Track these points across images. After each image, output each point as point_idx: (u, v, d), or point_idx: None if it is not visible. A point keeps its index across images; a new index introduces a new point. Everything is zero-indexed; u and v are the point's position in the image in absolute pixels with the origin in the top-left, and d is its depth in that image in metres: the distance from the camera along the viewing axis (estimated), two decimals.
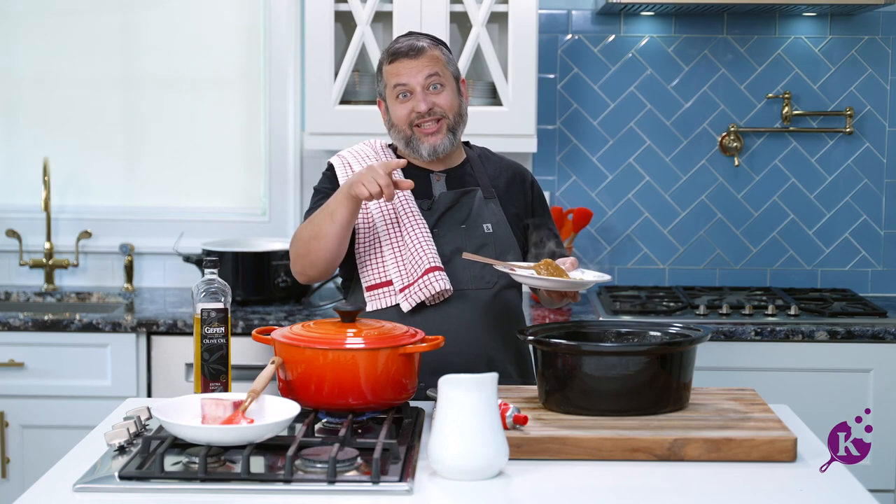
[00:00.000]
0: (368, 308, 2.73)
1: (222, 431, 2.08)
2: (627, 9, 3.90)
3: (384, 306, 2.73)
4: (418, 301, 2.69)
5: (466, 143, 2.94)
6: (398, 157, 2.85)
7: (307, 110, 3.82)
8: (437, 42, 2.81)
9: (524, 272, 2.57)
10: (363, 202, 2.65)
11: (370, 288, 2.75)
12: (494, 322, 2.76)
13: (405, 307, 2.70)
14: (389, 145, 2.90)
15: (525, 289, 4.10)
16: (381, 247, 2.75)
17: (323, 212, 2.66)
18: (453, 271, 2.73)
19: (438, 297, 2.71)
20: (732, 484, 2.09)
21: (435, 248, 2.72)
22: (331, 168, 2.88)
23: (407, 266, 2.72)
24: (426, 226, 2.75)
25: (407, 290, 2.70)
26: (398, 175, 2.78)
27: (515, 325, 2.79)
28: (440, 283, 2.68)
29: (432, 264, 2.69)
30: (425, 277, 2.68)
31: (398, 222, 2.75)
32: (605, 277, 2.60)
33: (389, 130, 2.82)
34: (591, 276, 2.61)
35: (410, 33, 2.84)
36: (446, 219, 2.79)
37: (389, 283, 2.73)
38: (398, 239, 2.74)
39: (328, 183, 2.85)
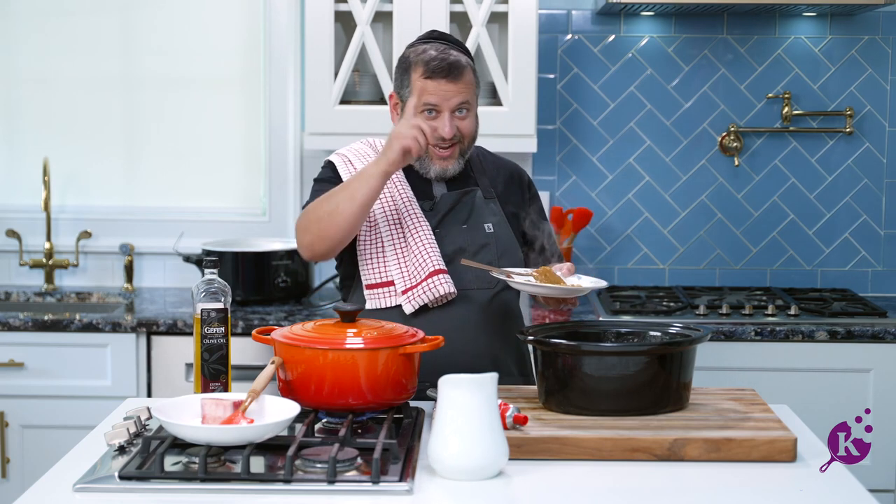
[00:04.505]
0: (368, 306, 2.73)
1: (222, 431, 2.08)
2: (627, 9, 3.90)
3: (384, 306, 2.73)
4: (422, 304, 2.69)
5: None
6: None
7: (307, 110, 3.82)
8: (468, 56, 2.76)
9: (521, 279, 2.58)
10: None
11: (370, 287, 2.74)
12: (497, 322, 2.76)
13: (408, 309, 2.70)
14: None
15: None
16: (383, 246, 2.74)
17: (343, 191, 2.62)
18: (455, 272, 2.73)
19: (442, 299, 2.71)
20: (732, 484, 2.09)
21: (438, 250, 2.72)
22: (331, 166, 2.85)
23: (410, 268, 2.71)
24: (429, 227, 2.74)
25: (410, 293, 2.70)
26: (399, 177, 2.79)
27: (515, 325, 2.80)
28: (444, 286, 2.68)
29: (436, 267, 2.68)
30: (429, 280, 2.68)
31: (401, 223, 2.75)
32: (602, 284, 2.61)
33: None
34: (587, 282, 2.62)
35: (440, 37, 2.78)
36: (448, 219, 2.79)
37: (391, 283, 2.72)
38: (401, 240, 2.74)
39: (331, 173, 2.82)
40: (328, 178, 2.81)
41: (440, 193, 2.82)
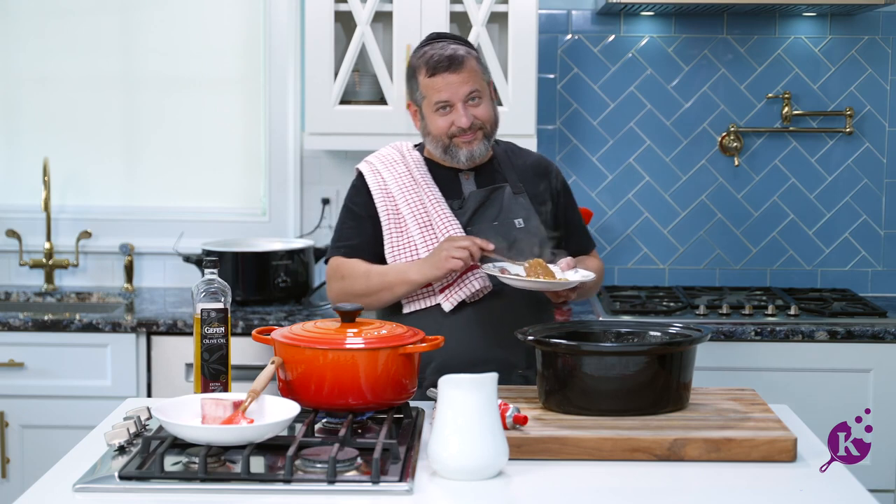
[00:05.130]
0: (406, 310, 2.79)
1: (222, 431, 2.08)
2: (627, 9, 3.90)
3: (423, 307, 2.79)
4: (459, 300, 2.75)
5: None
6: (425, 157, 2.90)
7: (307, 110, 3.82)
8: (470, 48, 2.82)
9: (512, 273, 2.62)
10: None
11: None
12: (532, 314, 2.80)
13: (447, 307, 2.76)
14: (416, 146, 2.94)
15: None
16: (416, 250, 2.79)
17: (382, 280, 2.74)
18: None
19: (478, 294, 2.76)
20: (732, 484, 2.09)
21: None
22: (360, 176, 2.90)
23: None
24: (459, 225, 2.79)
25: (448, 291, 2.76)
26: (426, 178, 2.84)
27: (548, 316, 2.86)
28: (479, 280, 2.75)
29: (469, 263, 2.71)
30: (465, 277, 2.74)
31: (431, 225, 2.80)
32: (589, 276, 2.66)
33: (425, 137, 2.86)
34: (579, 275, 2.67)
35: (440, 37, 2.85)
36: (478, 217, 2.84)
37: (427, 284, 2.76)
38: (433, 241, 2.79)
39: (358, 197, 2.88)
40: (355, 205, 2.87)
41: (468, 191, 2.86)
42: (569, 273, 2.69)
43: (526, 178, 2.91)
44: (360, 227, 2.85)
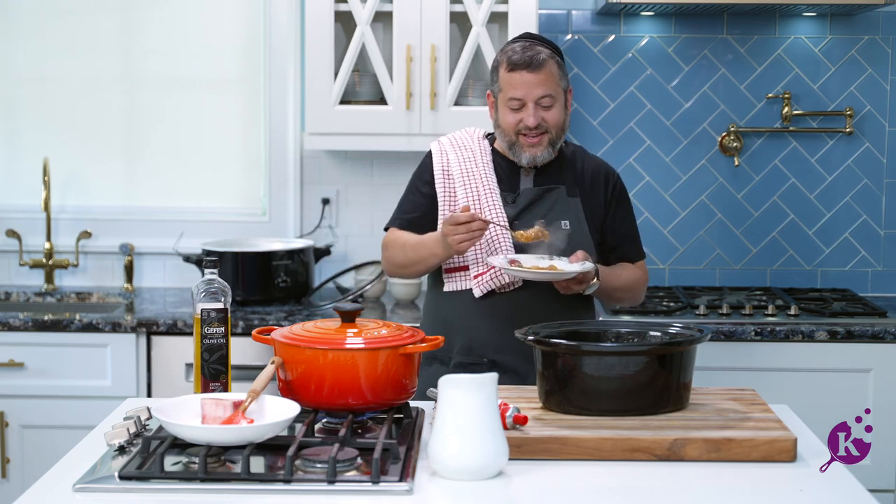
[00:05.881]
0: (445, 289, 2.94)
1: (222, 431, 2.08)
2: (627, 9, 3.90)
3: (459, 289, 2.92)
4: (489, 289, 2.89)
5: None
6: (493, 148, 3.00)
7: (307, 110, 3.83)
8: (553, 51, 2.90)
9: (526, 266, 2.75)
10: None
11: (448, 270, 2.94)
12: (559, 309, 2.87)
13: (477, 293, 2.89)
14: (487, 135, 3.03)
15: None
16: None
17: (418, 252, 2.90)
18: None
19: (508, 286, 2.88)
20: (732, 484, 2.09)
21: (511, 241, 2.88)
22: (429, 154, 3.02)
23: (483, 256, 2.89)
24: (506, 218, 2.89)
25: (480, 278, 2.89)
26: (487, 168, 2.94)
27: (578, 313, 2.94)
28: (510, 275, 2.84)
29: (506, 257, 2.84)
30: (497, 268, 2.84)
31: (481, 212, 2.89)
32: (589, 267, 2.78)
33: (496, 129, 2.96)
34: (577, 267, 2.76)
35: (528, 37, 2.94)
36: (526, 213, 2.92)
37: (466, 268, 2.91)
38: None
39: (423, 174, 3.00)
40: (417, 181, 3.01)
41: (524, 187, 2.95)
42: (573, 265, 2.77)
43: (584, 182, 2.99)
44: (419, 203, 2.98)
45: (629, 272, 3.02)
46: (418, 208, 2.98)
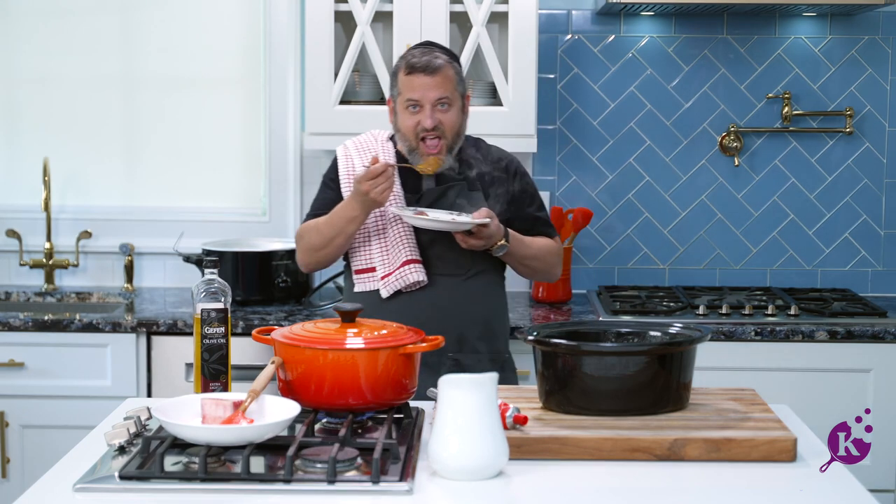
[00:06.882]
0: (356, 289, 3.07)
1: (222, 431, 2.08)
2: (627, 9, 3.90)
3: (368, 290, 3.04)
4: (395, 290, 3.01)
5: None
6: (396, 150, 3.12)
7: (307, 110, 3.82)
8: (451, 58, 3.03)
9: (430, 217, 2.92)
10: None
11: (358, 272, 3.08)
12: (466, 305, 3.04)
13: (384, 294, 3.01)
14: (391, 137, 3.14)
15: (523, 287, 4.11)
16: (369, 235, 3.07)
17: (342, 217, 2.99)
18: (430, 259, 3.04)
19: (414, 285, 3.01)
20: (732, 484, 2.09)
21: (414, 240, 3.02)
22: (333, 165, 3.17)
23: (389, 256, 3.03)
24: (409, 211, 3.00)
25: (386, 279, 3.02)
26: (390, 161, 3.06)
27: (493, 306, 3.10)
28: (415, 274, 2.99)
29: (409, 257, 3.00)
30: (402, 269, 3.00)
31: (382, 213, 3.04)
32: (486, 221, 2.89)
33: (396, 133, 3.07)
34: (467, 218, 2.91)
35: (428, 44, 3.07)
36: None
37: (374, 269, 3.05)
38: (382, 229, 3.05)
39: (331, 175, 3.16)
40: (327, 181, 3.16)
41: (428, 187, 3.06)
42: (474, 219, 2.90)
43: (485, 174, 3.09)
44: (331, 200, 3.09)
45: (541, 241, 3.15)
46: (329, 206, 3.08)
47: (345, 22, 3.89)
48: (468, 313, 3.04)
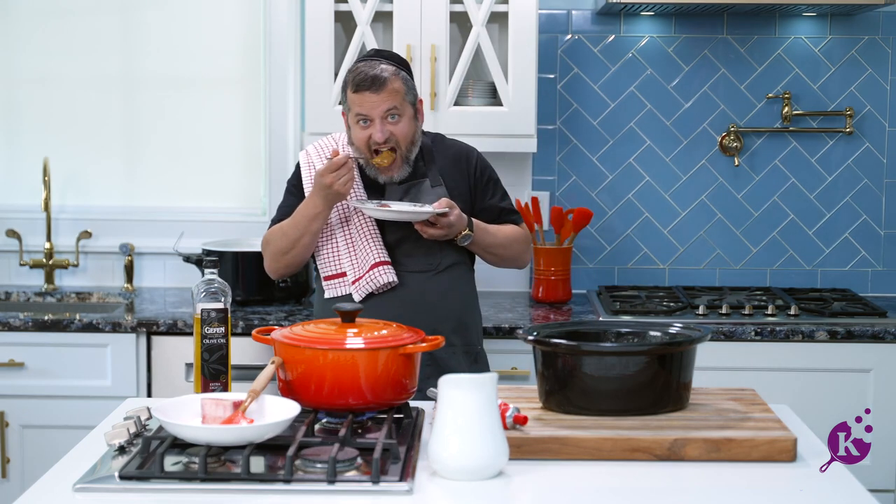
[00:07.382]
0: (326, 295, 3.10)
1: (222, 431, 2.08)
2: (627, 9, 3.90)
3: (339, 294, 3.09)
4: (367, 293, 3.06)
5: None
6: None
7: (307, 110, 3.82)
8: (398, 69, 3.05)
9: (393, 209, 2.98)
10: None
11: (327, 278, 3.11)
12: (438, 299, 3.09)
13: (356, 297, 3.06)
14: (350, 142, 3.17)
15: (523, 287, 4.10)
16: (336, 240, 3.11)
17: (305, 216, 3.03)
18: (399, 258, 3.09)
19: (385, 286, 3.06)
20: (732, 484, 2.09)
21: (381, 242, 3.07)
22: (296, 170, 3.21)
23: (357, 260, 3.07)
24: (373, 221, 3.08)
25: (357, 283, 3.06)
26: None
27: (463, 299, 3.15)
28: (385, 276, 3.04)
29: (377, 259, 3.05)
30: (372, 272, 3.04)
31: (348, 217, 3.09)
32: (444, 210, 2.95)
33: (350, 145, 3.12)
34: (428, 208, 2.97)
35: (374, 54, 3.10)
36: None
37: (344, 274, 3.09)
38: (349, 234, 3.10)
39: (294, 181, 3.20)
40: (291, 186, 3.20)
41: (389, 187, 3.11)
42: (427, 207, 2.97)
43: (446, 169, 3.14)
44: (293, 208, 3.12)
45: (508, 229, 3.20)
46: (292, 212, 3.11)
47: (345, 22, 3.89)
48: (440, 308, 3.08)
